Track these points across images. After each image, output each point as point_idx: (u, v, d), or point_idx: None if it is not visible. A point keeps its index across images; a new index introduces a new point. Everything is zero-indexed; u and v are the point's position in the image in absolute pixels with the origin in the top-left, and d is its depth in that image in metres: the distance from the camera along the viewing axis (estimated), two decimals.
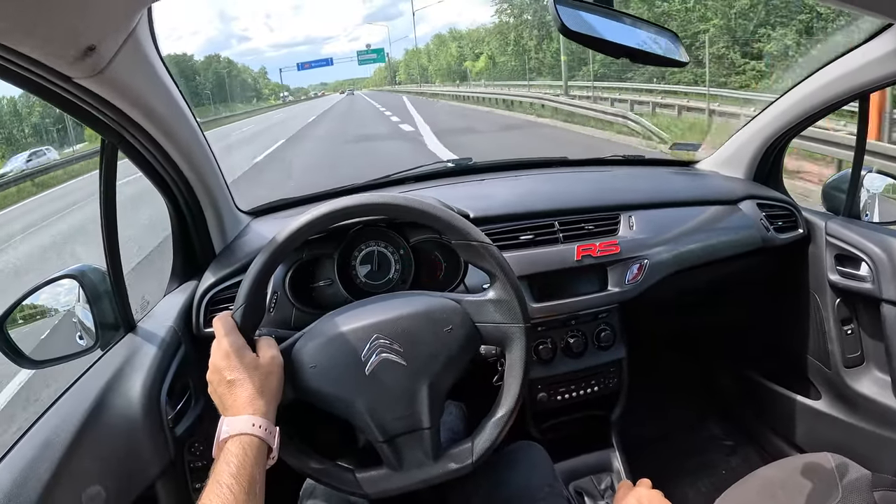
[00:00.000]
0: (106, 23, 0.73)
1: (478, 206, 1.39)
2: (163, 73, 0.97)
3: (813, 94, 1.46)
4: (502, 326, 0.95)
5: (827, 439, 1.62)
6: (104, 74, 0.79)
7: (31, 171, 15.24)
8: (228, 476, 0.71)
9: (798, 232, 1.61)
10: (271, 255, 0.92)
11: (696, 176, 1.85)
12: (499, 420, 0.95)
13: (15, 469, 0.80)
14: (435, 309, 0.94)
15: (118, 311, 1.12)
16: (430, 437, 0.92)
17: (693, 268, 1.48)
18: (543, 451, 1.19)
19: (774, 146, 1.68)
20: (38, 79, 0.75)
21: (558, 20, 0.80)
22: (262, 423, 0.79)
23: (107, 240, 1.04)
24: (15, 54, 0.67)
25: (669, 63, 0.93)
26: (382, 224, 1.29)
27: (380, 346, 0.90)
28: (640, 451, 1.65)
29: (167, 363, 1.09)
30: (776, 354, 1.81)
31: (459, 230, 0.95)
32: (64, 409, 0.93)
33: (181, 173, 1.17)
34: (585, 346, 1.44)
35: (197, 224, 1.30)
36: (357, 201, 0.96)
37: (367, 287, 1.29)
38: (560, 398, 1.47)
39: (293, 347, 0.92)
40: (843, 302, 1.56)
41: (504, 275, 0.95)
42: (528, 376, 0.96)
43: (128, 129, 0.97)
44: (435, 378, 0.92)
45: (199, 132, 1.18)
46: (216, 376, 0.84)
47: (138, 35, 0.82)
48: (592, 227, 1.44)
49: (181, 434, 1.08)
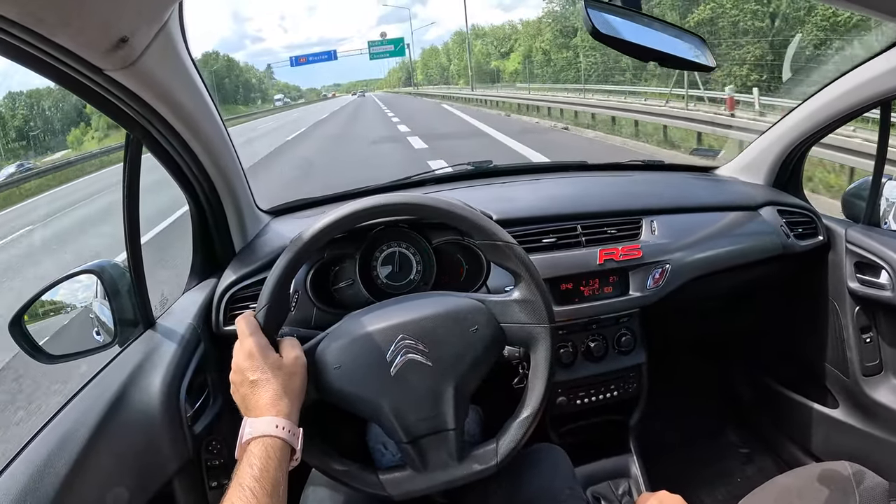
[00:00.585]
0: (140, 14, 0.73)
1: (500, 209, 1.38)
2: (191, 68, 0.97)
3: (834, 101, 1.44)
4: (527, 327, 0.95)
5: (844, 448, 1.60)
6: (135, 67, 0.79)
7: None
8: (251, 479, 0.71)
9: (818, 239, 1.59)
10: (295, 255, 0.92)
11: (717, 181, 1.84)
12: (524, 420, 0.94)
13: (33, 463, 0.80)
14: (460, 309, 0.94)
15: (137, 308, 1.11)
16: (454, 438, 0.91)
17: (714, 273, 1.47)
18: (564, 453, 1.18)
19: (795, 153, 1.67)
20: (69, 70, 0.75)
21: (589, 23, 0.80)
22: (286, 425, 0.78)
23: (129, 235, 1.04)
24: (49, 44, 0.67)
25: (697, 67, 0.92)
26: (404, 225, 1.28)
27: (405, 346, 0.90)
28: (658, 458, 1.63)
29: (186, 360, 1.09)
30: (794, 361, 1.80)
31: (485, 230, 0.95)
32: (83, 404, 0.92)
33: (204, 170, 1.17)
34: (606, 350, 1.43)
35: (217, 222, 1.30)
36: (382, 201, 0.95)
37: (388, 288, 1.29)
38: (579, 402, 1.46)
39: (317, 348, 0.92)
40: (862, 310, 1.54)
41: (529, 275, 0.95)
42: (553, 377, 0.96)
43: (153, 124, 0.97)
44: (461, 379, 0.91)
45: (224, 130, 1.18)
46: (239, 377, 0.84)
47: (170, 29, 0.82)
48: (615, 231, 1.43)
49: (199, 432, 1.07)
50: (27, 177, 14.36)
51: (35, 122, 22.92)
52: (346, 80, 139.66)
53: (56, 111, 24.34)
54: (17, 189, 13.22)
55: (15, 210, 11.40)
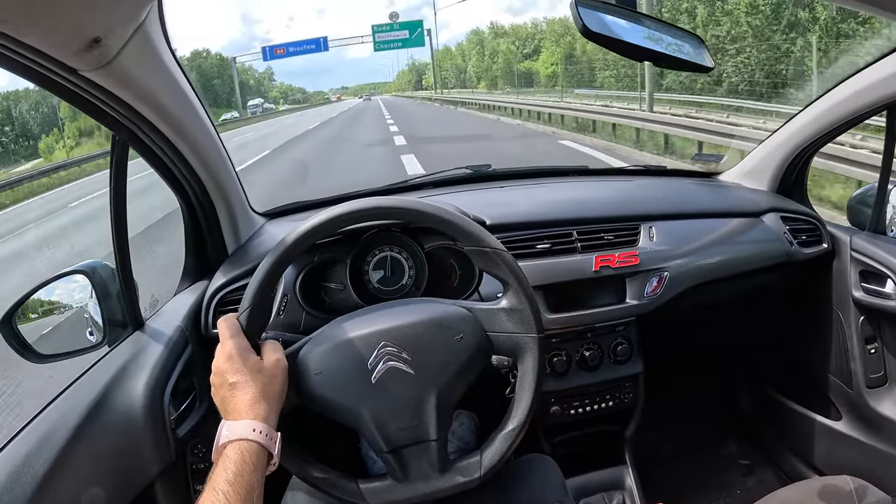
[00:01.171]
0: (112, 15, 0.72)
1: (495, 213, 1.37)
2: (174, 68, 0.96)
3: (839, 105, 1.42)
4: (515, 336, 0.93)
5: (846, 461, 1.57)
6: (111, 67, 0.78)
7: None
8: (225, 483, 0.70)
9: (822, 247, 1.57)
10: (279, 258, 0.91)
11: (719, 187, 1.81)
12: (509, 433, 0.93)
13: (11, 462, 0.80)
14: (445, 317, 0.92)
15: (126, 309, 1.11)
16: (436, 448, 0.90)
17: (714, 281, 1.44)
18: (555, 464, 1.16)
19: (799, 158, 1.64)
20: (43, 70, 0.74)
21: (579, 21, 0.79)
22: (263, 429, 0.78)
23: (116, 237, 1.04)
24: (19, 45, 0.66)
25: (694, 68, 0.91)
26: (397, 229, 1.27)
27: (387, 353, 0.89)
28: (654, 469, 1.61)
29: (173, 362, 1.08)
30: (797, 372, 1.77)
31: (472, 236, 0.93)
32: (66, 403, 0.92)
33: (193, 171, 1.16)
34: (601, 359, 1.41)
35: (210, 224, 1.29)
36: (367, 205, 0.94)
37: (380, 293, 1.27)
38: (573, 412, 1.44)
39: (299, 352, 0.91)
40: (867, 320, 1.51)
41: (518, 283, 0.93)
42: (541, 389, 0.94)
43: (138, 125, 0.96)
44: (443, 388, 0.90)
45: (213, 130, 1.17)
46: (219, 379, 0.83)
47: (147, 28, 0.81)
48: (612, 237, 1.41)
49: (184, 435, 1.06)
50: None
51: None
52: (354, 83, 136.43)
53: (32, 116, 23.26)
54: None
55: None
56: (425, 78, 72.09)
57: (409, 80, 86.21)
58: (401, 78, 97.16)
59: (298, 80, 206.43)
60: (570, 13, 0.79)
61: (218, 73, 59.99)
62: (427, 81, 69.58)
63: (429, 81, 67.63)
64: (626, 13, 0.85)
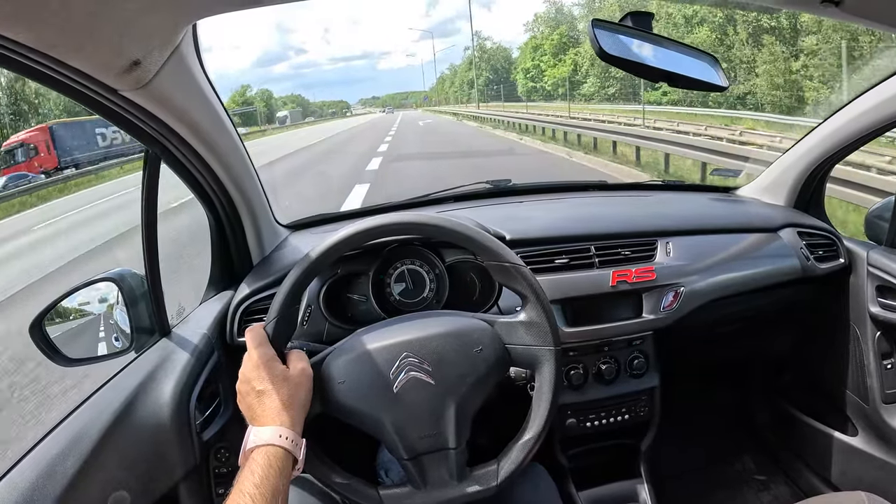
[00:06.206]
0: (150, 39, 0.75)
1: (514, 228, 1.39)
2: (206, 87, 1.00)
3: (858, 118, 1.42)
4: (532, 349, 0.95)
5: (863, 477, 1.56)
6: (149, 87, 0.82)
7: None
8: (252, 486, 0.72)
9: (839, 262, 1.56)
10: (305, 270, 0.93)
11: (736, 202, 1.82)
12: (525, 443, 0.94)
13: (42, 462, 0.82)
14: (465, 329, 0.94)
15: (154, 316, 1.14)
16: (455, 457, 0.92)
17: (730, 297, 1.45)
18: (545, 470, 1.18)
19: (817, 172, 1.64)
20: (86, 90, 0.78)
21: (596, 44, 0.81)
22: (289, 435, 0.80)
23: (146, 246, 1.07)
24: (65, 66, 0.70)
25: (709, 87, 0.92)
26: (418, 243, 1.29)
27: (409, 364, 0.91)
28: (669, 483, 1.61)
29: (199, 369, 1.11)
30: (813, 387, 1.76)
31: (492, 251, 0.96)
32: (95, 407, 0.95)
33: (221, 185, 1.20)
34: (618, 372, 1.41)
35: (236, 235, 1.33)
36: (391, 220, 0.97)
37: (401, 305, 1.29)
38: (589, 425, 1.44)
39: (323, 362, 0.93)
40: (883, 335, 1.51)
41: (536, 297, 0.95)
42: (558, 401, 0.96)
43: (171, 141, 1.00)
44: (462, 398, 0.92)
45: (241, 146, 1.21)
46: (246, 386, 0.86)
47: (182, 50, 0.85)
48: (629, 252, 1.42)
49: (208, 439, 1.09)
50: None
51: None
52: (384, 93, 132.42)
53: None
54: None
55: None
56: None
57: (446, 91, 74.56)
58: (437, 86, 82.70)
59: (335, 91, 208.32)
60: (588, 36, 0.82)
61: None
62: (445, 92, 66.63)
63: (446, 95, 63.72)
64: (642, 34, 0.87)
